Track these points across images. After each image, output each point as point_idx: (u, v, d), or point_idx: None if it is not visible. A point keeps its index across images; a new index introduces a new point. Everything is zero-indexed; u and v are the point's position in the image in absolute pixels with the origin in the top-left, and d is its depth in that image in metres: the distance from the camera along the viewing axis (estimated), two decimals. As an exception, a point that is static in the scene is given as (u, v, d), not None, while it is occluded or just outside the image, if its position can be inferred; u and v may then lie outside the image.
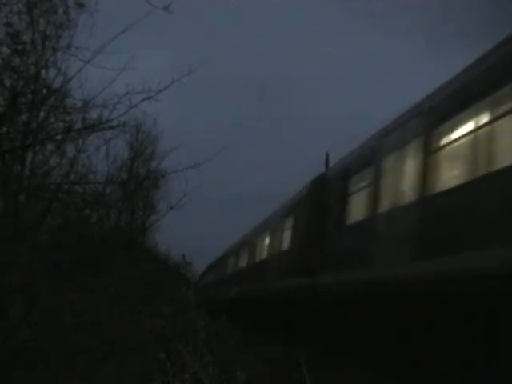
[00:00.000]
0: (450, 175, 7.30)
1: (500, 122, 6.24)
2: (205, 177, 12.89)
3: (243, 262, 22.94)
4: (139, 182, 17.08)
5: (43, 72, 10.24)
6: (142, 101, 9.82)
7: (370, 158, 9.89)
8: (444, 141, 7.44)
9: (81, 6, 9.75)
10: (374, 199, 9.39)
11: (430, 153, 7.67)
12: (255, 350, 13.15)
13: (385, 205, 8.94)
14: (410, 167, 8.23)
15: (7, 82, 9.70)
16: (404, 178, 8.44)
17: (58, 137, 10.52)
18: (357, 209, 10.15)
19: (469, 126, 6.88)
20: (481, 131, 6.56)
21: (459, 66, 7.42)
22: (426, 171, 7.67)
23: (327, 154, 25.15)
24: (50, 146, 10.77)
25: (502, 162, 6.09)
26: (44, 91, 10.19)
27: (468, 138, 6.86)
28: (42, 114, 10.24)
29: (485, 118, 6.54)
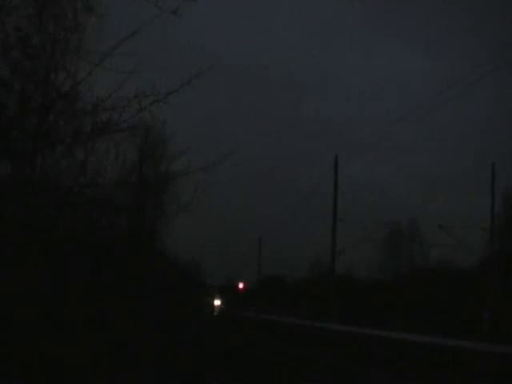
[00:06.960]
0: None
1: None
2: (215, 179, 12.86)
3: None
4: (149, 184, 16.98)
5: (52, 75, 10.20)
6: (152, 104, 9.81)
7: None
8: None
9: (90, 9, 9.72)
10: None
11: None
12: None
13: None
14: None
15: (17, 86, 9.68)
16: None
17: (68, 140, 10.49)
18: None
19: None
20: None
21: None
22: None
23: (336, 157, 24.94)
24: (60, 149, 10.73)
25: None
26: (53, 94, 10.17)
27: None
28: (51, 118, 10.21)
29: None
